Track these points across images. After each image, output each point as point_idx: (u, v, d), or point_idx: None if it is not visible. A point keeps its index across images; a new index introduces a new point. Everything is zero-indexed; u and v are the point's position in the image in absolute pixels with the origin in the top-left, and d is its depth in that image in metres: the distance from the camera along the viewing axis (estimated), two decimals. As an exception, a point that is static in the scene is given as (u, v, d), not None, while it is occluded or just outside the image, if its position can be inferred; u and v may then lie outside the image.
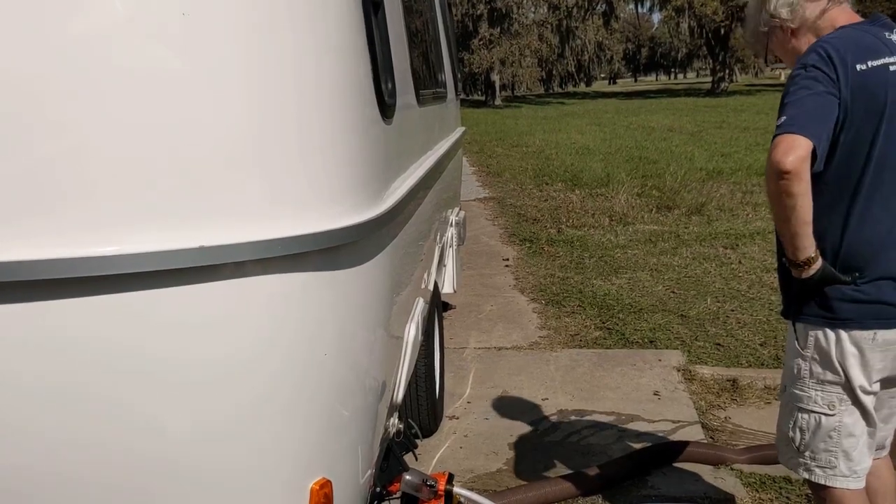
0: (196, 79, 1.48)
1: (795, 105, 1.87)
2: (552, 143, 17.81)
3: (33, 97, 1.41)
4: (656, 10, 50.93)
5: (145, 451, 1.56)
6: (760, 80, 62.98)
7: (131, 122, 1.44)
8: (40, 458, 1.55)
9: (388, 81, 2.06)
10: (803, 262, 1.96)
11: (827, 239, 1.99)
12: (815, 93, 1.87)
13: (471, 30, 42.26)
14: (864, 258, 1.98)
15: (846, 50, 1.90)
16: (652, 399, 3.97)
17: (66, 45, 1.41)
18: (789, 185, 1.83)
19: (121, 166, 1.44)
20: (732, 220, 8.38)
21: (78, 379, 1.50)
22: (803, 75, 1.90)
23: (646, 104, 34.47)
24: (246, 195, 1.52)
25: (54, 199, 1.43)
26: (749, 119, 21.88)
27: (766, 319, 5.12)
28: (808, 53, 1.94)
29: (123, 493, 1.60)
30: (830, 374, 2.06)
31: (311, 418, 1.69)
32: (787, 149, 1.82)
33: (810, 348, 2.09)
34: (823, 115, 1.87)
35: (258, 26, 1.54)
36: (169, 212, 1.46)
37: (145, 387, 1.52)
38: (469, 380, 4.32)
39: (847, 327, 2.02)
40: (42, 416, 1.52)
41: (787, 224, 1.91)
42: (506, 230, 8.54)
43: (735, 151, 14.18)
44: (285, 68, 1.57)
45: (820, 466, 2.13)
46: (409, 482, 2.45)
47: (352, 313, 1.78)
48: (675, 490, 3.08)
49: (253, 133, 1.52)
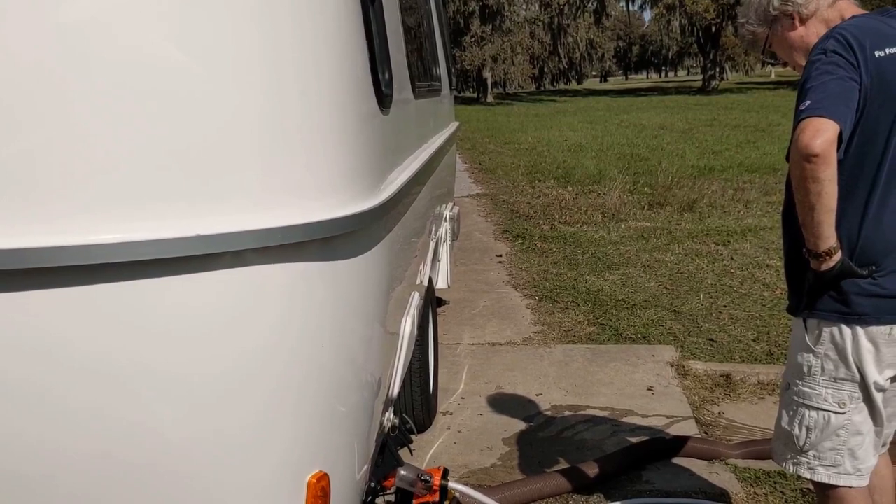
0: (193, 67, 1.45)
1: (819, 89, 1.82)
2: (544, 140, 17.82)
3: (25, 84, 1.38)
4: (647, 7, 51.06)
5: (139, 443, 1.53)
6: (751, 77, 63.23)
7: (127, 110, 1.41)
8: (25, 460, 1.53)
9: (386, 72, 2.04)
10: (825, 252, 1.90)
11: (843, 231, 1.93)
12: (838, 77, 1.82)
13: (462, 27, 42.23)
14: (881, 251, 1.94)
15: (864, 36, 1.87)
16: (645, 394, 3.97)
17: (60, 32, 1.39)
18: (816, 169, 1.77)
19: (116, 154, 1.42)
20: (724, 216, 8.40)
21: (72, 361, 1.47)
22: (824, 60, 1.86)
23: (637, 102, 34.53)
24: (243, 184, 1.50)
25: (48, 187, 1.41)
26: (740, 117, 21.95)
27: (759, 315, 5.13)
28: (827, 39, 1.90)
29: (118, 486, 1.57)
30: (844, 371, 2.02)
31: (308, 411, 1.67)
32: (814, 132, 1.76)
33: (824, 344, 2.03)
34: (848, 99, 1.82)
35: (256, 14, 1.52)
36: (165, 200, 1.44)
37: (139, 377, 1.49)
38: (463, 375, 4.31)
39: (864, 323, 1.97)
40: (27, 413, 1.50)
41: (813, 212, 1.84)
42: (499, 226, 8.53)
43: (726, 149, 14.22)
44: (284, 56, 1.55)
45: (824, 465, 2.10)
46: (405, 477, 2.44)
47: (349, 305, 1.76)
48: (669, 485, 3.08)
49: (251, 121, 1.50)
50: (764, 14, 2.12)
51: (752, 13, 2.17)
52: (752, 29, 2.18)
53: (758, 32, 2.17)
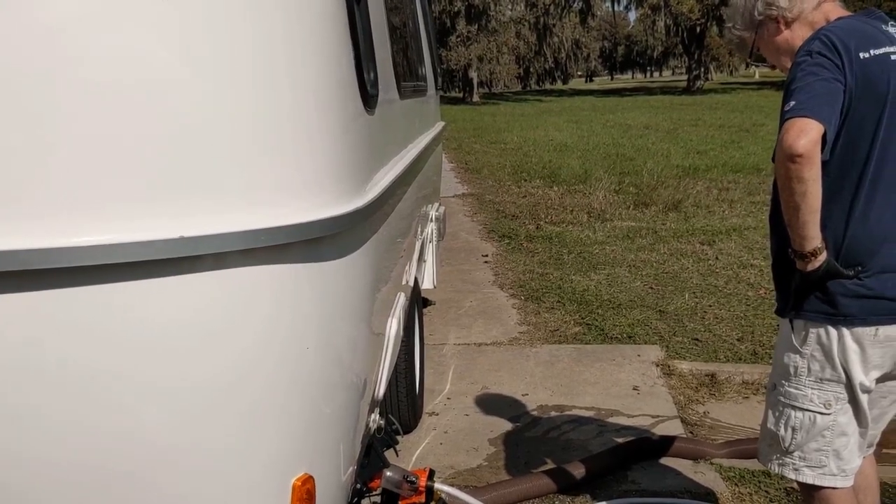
0: (178, 67, 1.44)
1: (804, 90, 1.84)
2: (530, 140, 17.84)
3: (3, 83, 1.36)
4: (632, 8, 51.25)
5: (125, 447, 1.52)
6: (735, 77, 63.59)
7: (109, 110, 1.40)
8: (4, 469, 1.51)
9: (371, 72, 2.03)
10: (810, 252, 1.91)
11: (829, 232, 1.95)
12: (823, 78, 1.84)
13: (448, 26, 42.22)
14: (866, 252, 1.95)
15: (849, 38, 1.89)
16: (631, 394, 3.98)
17: (40, 30, 1.37)
18: (801, 169, 1.79)
19: (97, 154, 1.40)
20: (709, 216, 8.44)
21: (51, 369, 1.46)
22: (809, 62, 1.88)
23: (622, 102, 34.64)
24: (227, 185, 1.49)
25: (26, 187, 1.39)
26: (724, 117, 22.06)
27: (744, 315, 5.15)
28: (812, 41, 1.92)
29: (100, 492, 1.56)
30: (830, 372, 2.03)
31: (293, 413, 1.66)
32: (798, 132, 1.78)
33: (810, 345, 2.04)
34: (832, 100, 1.84)
35: (241, 14, 1.50)
36: (149, 202, 1.43)
37: (122, 379, 1.48)
38: (449, 376, 4.30)
39: (850, 324, 1.98)
40: (6, 423, 1.48)
41: (798, 212, 1.86)
42: (485, 226, 8.53)
43: (711, 149, 14.29)
44: (269, 57, 1.54)
45: (809, 466, 2.10)
46: (391, 478, 2.43)
47: (334, 306, 1.75)
48: (655, 485, 3.08)
49: (235, 122, 1.49)
50: (750, 18, 2.14)
51: (738, 18, 2.18)
52: (739, 33, 2.20)
53: (744, 36, 2.19)
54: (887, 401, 2.15)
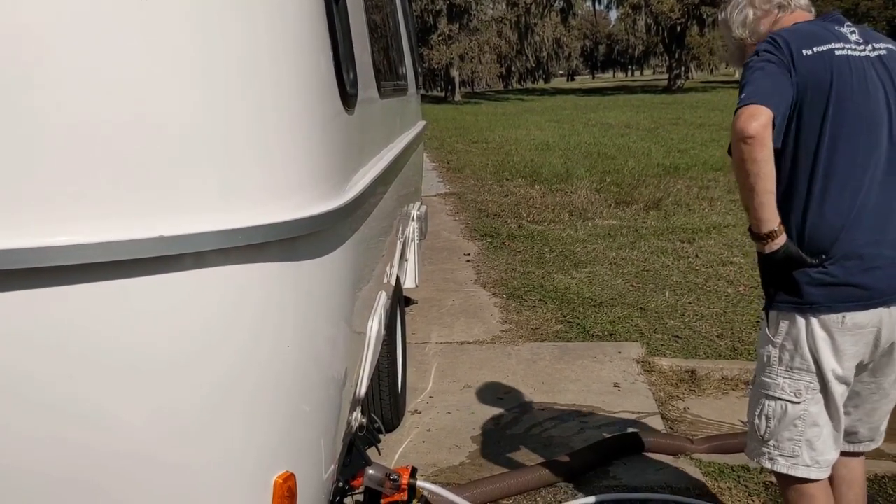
0: (156, 67, 1.44)
1: (753, 83, 2.00)
2: (512, 139, 17.87)
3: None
4: (613, 7, 51.48)
5: (104, 446, 1.52)
6: (716, 76, 64.00)
7: (87, 109, 1.40)
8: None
9: (350, 71, 2.03)
10: (766, 234, 2.01)
11: (791, 221, 2.04)
12: (770, 72, 2.00)
13: (430, 25, 42.21)
14: (827, 240, 2.02)
15: (792, 38, 2.05)
16: (612, 391, 4.00)
17: (17, 31, 1.37)
18: (752, 150, 1.91)
19: (77, 156, 1.40)
20: (689, 214, 8.50)
21: (30, 370, 1.45)
22: (756, 60, 2.04)
23: (604, 101, 34.77)
24: (206, 184, 1.49)
25: (9, 189, 1.38)
26: (704, 115, 22.21)
27: (723, 312, 5.20)
28: (761, 44, 2.09)
29: (79, 491, 1.56)
30: (799, 361, 2.09)
31: (274, 411, 1.66)
32: (749, 116, 1.92)
33: (781, 335, 2.12)
34: (780, 90, 1.99)
35: (215, 14, 1.50)
36: (128, 201, 1.43)
37: (102, 380, 1.48)
38: (431, 374, 4.31)
39: (816, 312, 2.05)
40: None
41: (753, 192, 1.97)
42: (467, 225, 8.54)
43: (691, 147, 14.39)
44: (246, 56, 1.54)
45: (783, 456, 2.15)
46: (373, 476, 2.44)
47: (314, 305, 1.75)
48: (636, 480, 3.11)
49: (213, 121, 1.49)
50: (733, 41, 2.32)
51: (728, 44, 2.36)
52: (733, 51, 2.36)
53: (737, 53, 2.34)
54: (877, 396, 2.21)
